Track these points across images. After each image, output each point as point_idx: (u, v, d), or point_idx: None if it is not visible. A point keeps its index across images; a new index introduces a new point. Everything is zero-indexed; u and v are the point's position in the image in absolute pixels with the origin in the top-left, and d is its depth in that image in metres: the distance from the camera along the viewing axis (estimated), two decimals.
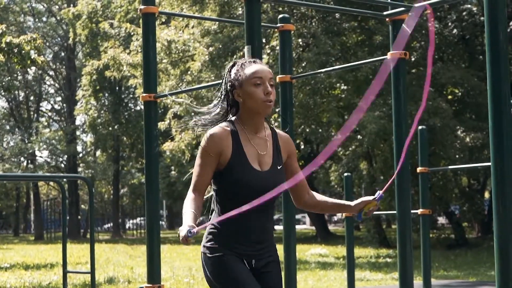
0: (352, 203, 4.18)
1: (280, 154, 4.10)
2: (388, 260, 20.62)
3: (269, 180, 3.97)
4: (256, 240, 3.97)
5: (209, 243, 3.97)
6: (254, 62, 4.05)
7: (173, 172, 38.49)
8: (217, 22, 22.70)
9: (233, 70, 4.05)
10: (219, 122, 4.07)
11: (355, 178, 25.62)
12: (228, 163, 3.92)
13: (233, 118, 4.06)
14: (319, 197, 4.27)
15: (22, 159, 49.44)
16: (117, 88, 44.39)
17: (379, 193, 4.09)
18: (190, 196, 3.95)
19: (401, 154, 6.41)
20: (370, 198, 4.12)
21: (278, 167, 4.06)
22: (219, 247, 3.94)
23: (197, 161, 3.98)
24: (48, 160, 50.48)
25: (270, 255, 4.06)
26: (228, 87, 4.04)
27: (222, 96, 4.10)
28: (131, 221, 59.92)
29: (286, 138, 4.18)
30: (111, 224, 54.30)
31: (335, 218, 69.12)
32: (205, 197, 4.04)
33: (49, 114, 56.26)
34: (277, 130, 4.18)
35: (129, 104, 45.89)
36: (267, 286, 4.01)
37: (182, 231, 3.62)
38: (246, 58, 4.12)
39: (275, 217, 58.44)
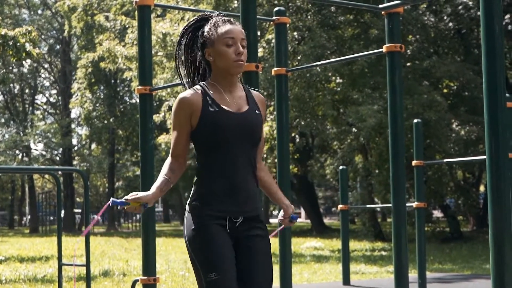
0: (285, 207, 4.16)
1: (257, 106, 4.06)
2: (383, 253, 20.65)
3: (247, 119, 3.94)
4: (241, 196, 3.90)
5: (194, 202, 3.92)
6: (228, 21, 4.00)
7: None
8: None
9: (206, 27, 4.00)
10: (192, 82, 4.06)
11: (350, 171, 25.64)
12: (201, 115, 3.89)
13: (206, 81, 4.02)
14: (268, 176, 4.17)
15: (17, 152, 49.37)
16: (113, 81, 44.34)
17: (294, 216, 4.14)
18: (167, 161, 3.97)
19: (396, 148, 6.41)
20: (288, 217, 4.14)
21: (256, 111, 4.01)
22: (202, 207, 3.89)
23: (172, 126, 3.98)
24: (43, 153, 50.45)
25: (256, 216, 3.98)
26: (199, 44, 4.01)
27: (187, 55, 4.07)
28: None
29: (260, 97, 4.14)
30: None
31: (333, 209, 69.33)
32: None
33: (44, 107, 56.20)
34: (252, 89, 4.14)
35: (125, 97, 45.85)
36: (254, 250, 3.93)
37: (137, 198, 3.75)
38: (220, 17, 4.04)
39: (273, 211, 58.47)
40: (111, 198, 3.69)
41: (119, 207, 3.73)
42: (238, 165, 3.90)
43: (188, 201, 3.98)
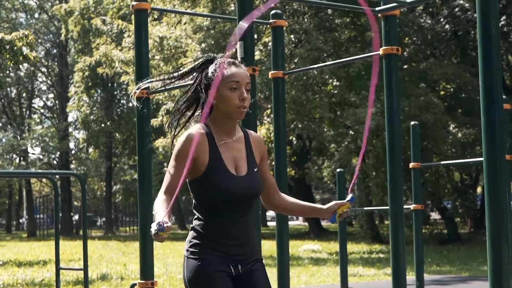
0: (325, 207, 4.10)
1: (254, 156, 4.00)
2: (381, 255, 20.65)
3: (247, 185, 3.88)
4: (240, 244, 3.87)
5: (192, 248, 3.87)
6: (233, 64, 3.91)
7: (165, 169, 38.47)
8: (209, 18, 22.68)
9: (211, 69, 3.93)
10: (190, 120, 4.00)
11: (348, 174, 25.62)
12: (205, 169, 3.82)
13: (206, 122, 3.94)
14: (291, 199, 4.17)
15: (14, 156, 49.33)
16: (110, 84, 44.33)
17: (351, 195, 4.06)
18: (161, 197, 3.82)
19: (393, 150, 6.41)
20: (343, 201, 4.07)
21: (255, 170, 3.96)
22: (202, 252, 3.84)
23: (172, 162, 3.86)
24: (41, 157, 50.39)
25: (255, 257, 3.97)
26: (203, 86, 3.93)
27: (193, 88, 4.00)
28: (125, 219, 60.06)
29: (258, 138, 4.07)
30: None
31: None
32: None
33: (42, 111, 56.18)
34: (249, 131, 4.07)
35: (122, 101, 45.85)
36: (255, 282, 3.92)
37: (153, 227, 3.53)
38: (225, 58, 3.94)
39: (269, 213, 58.45)
40: (154, 230, 3.60)
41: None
42: (237, 220, 3.87)
43: (187, 246, 3.91)
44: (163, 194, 3.82)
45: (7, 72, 47.66)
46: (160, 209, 3.70)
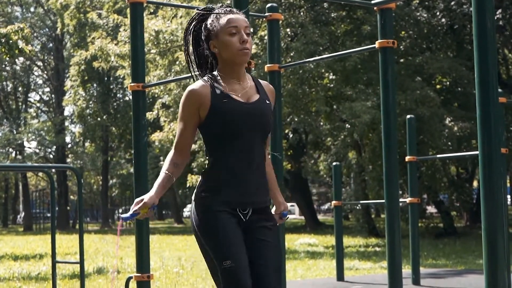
0: (279, 205, 4.18)
1: (267, 96, 4.01)
2: (377, 249, 20.66)
3: (257, 109, 3.89)
4: (250, 187, 3.87)
5: (202, 193, 3.89)
6: (230, 11, 3.98)
7: (162, 163, 38.50)
8: None
9: (208, 21, 3.96)
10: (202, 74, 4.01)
11: (344, 167, 25.64)
12: (210, 108, 3.83)
13: (214, 72, 3.96)
14: (269, 169, 4.11)
15: (10, 150, 49.29)
16: (106, 78, 44.29)
17: (285, 213, 4.18)
18: (170, 154, 3.91)
19: (389, 144, 6.41)
20: (279, 213, 4.18)
21: (267, 102, 3.97)
22: (211, 197, 3.86)
23: (179, 118, 3.92)
24: (37, 151, 50.37)
25: (265, 216, 3.96)
26: (203, 38, 3.96)
27: (191, 50, 4.03)
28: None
29: (270, 88, 4.09)
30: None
31: (325, 207, 69.29)
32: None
33: (38, 105, 56.14)
34: (261, 80, 4.09)
35: (118, 95, 45.80)
36: (264, 243, 3.90)
37: (137, 203, 3.72)
38: (222, 8, 4.01)
39: None
40: (120, 216, 3.68)
41: (129, 220, 3.72)
42: (248, 157, 3.86)
43: (195, 192, 3.93)
44: (173, 151, 3.92)
45: (3, 66, 47.59)
46: (162, 173, 3.85)
